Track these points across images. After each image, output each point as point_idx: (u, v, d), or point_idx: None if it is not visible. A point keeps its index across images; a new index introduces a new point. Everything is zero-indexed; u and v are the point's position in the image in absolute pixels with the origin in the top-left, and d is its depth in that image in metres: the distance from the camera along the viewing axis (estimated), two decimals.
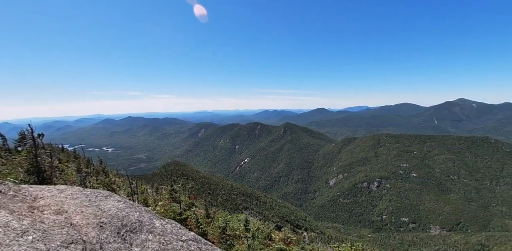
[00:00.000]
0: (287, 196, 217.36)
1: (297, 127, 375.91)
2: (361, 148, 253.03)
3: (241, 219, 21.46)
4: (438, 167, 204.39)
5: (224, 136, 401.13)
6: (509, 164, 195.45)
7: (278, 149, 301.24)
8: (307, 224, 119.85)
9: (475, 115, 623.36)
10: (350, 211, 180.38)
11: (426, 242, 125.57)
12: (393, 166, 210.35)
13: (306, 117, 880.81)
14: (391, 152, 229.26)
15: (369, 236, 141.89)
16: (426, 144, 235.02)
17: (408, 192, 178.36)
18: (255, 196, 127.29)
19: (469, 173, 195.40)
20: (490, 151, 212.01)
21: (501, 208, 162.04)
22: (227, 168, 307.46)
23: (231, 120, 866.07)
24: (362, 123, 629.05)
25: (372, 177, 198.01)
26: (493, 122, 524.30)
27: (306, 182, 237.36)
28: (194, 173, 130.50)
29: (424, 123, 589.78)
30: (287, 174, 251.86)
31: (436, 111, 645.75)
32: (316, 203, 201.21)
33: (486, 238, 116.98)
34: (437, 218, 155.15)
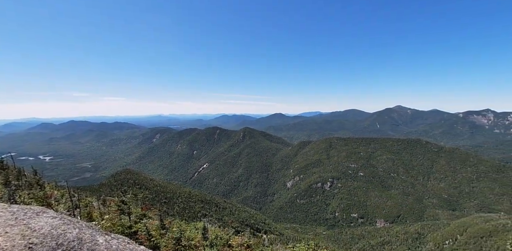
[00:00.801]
0: (247, 200, 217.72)
1: (256, 132, 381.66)
2: (315, 151, 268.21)
3: (199, 227, 20.85)
4: (381, 166, 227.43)
5: (181, 141, 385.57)
6: (437, 162, 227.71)
7: (238, 153, 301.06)
8: (267, 226, 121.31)
9: (409, 120, 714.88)
10: (306, 211, 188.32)
11: (373, 235, 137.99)
12: (343, 166, 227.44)
13: (264, 122, 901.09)
14: (341, 154, 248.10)
15: (324, 233, 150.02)
16: (371, 146, 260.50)
17: (357, 190, 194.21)
18: (214, 202, 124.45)
19: (406, 171, 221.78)
20: (422, 151, 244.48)
21: (432, 200, 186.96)
22: (184, 175, 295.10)
23: (189, 124, 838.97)
24: (316, 127, 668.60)
25: (325, 178, 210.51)
26: (424, 126, 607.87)
27: (265, 185, 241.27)
28: (148, 182, 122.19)
29: (368, 127, 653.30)
30: (247, 178, 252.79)
31: (378, 116, 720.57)
32: (275, 205, 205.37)
33: (421, 227, 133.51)
34: (381, 212, 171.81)
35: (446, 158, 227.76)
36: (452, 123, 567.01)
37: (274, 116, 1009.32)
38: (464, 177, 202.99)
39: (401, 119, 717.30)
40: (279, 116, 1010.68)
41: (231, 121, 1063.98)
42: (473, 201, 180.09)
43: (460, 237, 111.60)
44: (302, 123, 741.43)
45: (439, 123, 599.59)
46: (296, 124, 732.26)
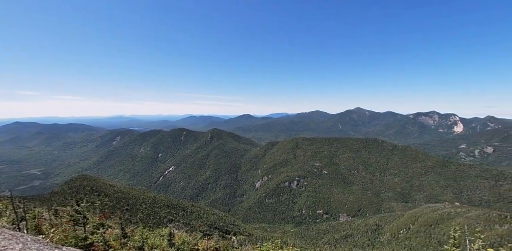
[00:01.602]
0: (215, 203, 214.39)
1: (224, 133, 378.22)
2: (282, 151, 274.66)
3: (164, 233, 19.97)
4: (343, 164, 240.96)
5: (145, 143, 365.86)
6: (391, 159, 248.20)
7: (205, 155, 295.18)
8: (236, 228, 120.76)
9: (367, 121, 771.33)
10: (274, 210, 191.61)
11: (337, 229, 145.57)
12: (309, 165, 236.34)
13: (233, 123, 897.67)
14: (307, 153, 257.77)
15: (291, 231, 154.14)
16: (333, 145, 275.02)
17: (321, 187, 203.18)
18: (181, 206, 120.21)
19: (365, 168, 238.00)
20: (378, 149, 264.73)
21: (388, 194, 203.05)
22: (148, 179, 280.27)
23: (153, 125, 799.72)
24: (283, 128, 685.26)
25: (292, 177, 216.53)
26: (380, 127, 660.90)
27: (234, 187, 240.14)
28: (107, 188, 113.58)
29: (331, 127, 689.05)
30: (215, 180, 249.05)
31: (340, 117, 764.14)
32: (244, 206, 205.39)
33: (379, 219, 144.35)
34: (344, 207, 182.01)
35: (399, 155, 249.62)
36: (404, 124, 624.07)
37: (243, 117, 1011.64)
38: (414, 172, 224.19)
39: (360, 120, 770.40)
40: (247, 117, 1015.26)
41: (198, 122, 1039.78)
42: (423, 193, 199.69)
43: (413, 226, 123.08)
44: (270, 124, 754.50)
45: (393, 123, 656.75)
46: (264, 125, 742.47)
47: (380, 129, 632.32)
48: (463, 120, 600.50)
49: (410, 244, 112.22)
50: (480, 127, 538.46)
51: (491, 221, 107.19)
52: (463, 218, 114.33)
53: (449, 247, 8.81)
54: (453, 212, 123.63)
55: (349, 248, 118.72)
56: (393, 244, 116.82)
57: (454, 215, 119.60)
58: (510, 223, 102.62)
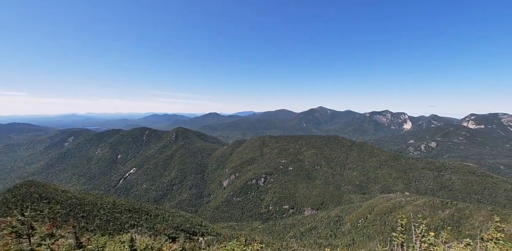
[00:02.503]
0: (181, 204, 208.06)
1: (190, 132, 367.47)
2: (249, 149, 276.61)
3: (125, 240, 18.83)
4: (307, 160, 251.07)
5: (102, 144, 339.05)
6: (350, 154, 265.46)
7: (170, 155, 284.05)
8: (203, 229, 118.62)
9: (329, 119, 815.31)
10: (242, 208, 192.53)
11: (302, 222, 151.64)
12: (275, 162, 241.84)
13: (199, 121, 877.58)
14: (273, 151, 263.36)
15: (259, 227, 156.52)
16: (298, 142, 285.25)
17: (287, 183, 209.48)
18: (144, 210, 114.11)
19: (327, 163, 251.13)
20: (339, 145, 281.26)
21: (348, 186, 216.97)
22: (107, 182, 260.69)
23: (112, 125, 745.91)
24: (250, 126, 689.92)
25: (259, 174, 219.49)
26: (340, 125, 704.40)
27: (201, 187, 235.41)
28: (59, 194, 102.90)
29: (296, 125, 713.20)
30: (181, 181, 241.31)
31: (304, 116, 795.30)
32: (211, 206, 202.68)
33: (340, 210, 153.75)
34: (308, 201, 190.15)
35: (357, 151, 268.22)
36: (361, 122, 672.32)
37: (209, 115, 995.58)
38: (370, 165, 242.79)
39: (322, 118, 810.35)
40: (214, 115, 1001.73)
41: (162, 121, 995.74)
42: (378, 185, 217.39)
43: (369, 216, 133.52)
44: (237, 122, 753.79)
45: (351, 121, 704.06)
46: (231, 123, 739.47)
47: (340, 127, 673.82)
48: (412, 118, 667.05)
49: (368, 232, 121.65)
50: (425, 124, 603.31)
51: (435, 207, 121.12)
52: (412, 206, 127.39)
53: (397, 233, 9.92)
54: (403, 201, 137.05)
55: (314, 240, 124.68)
56: (353, 233, 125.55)
57: (404, 204, 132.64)
58: (450, 208, 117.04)
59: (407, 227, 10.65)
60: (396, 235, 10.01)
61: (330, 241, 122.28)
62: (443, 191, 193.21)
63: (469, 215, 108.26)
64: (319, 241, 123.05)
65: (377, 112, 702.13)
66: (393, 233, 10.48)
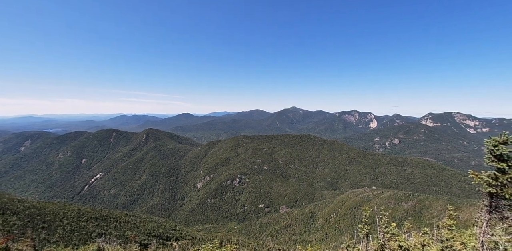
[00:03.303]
0: (154, 209, 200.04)
1: (161, 133, 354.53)
2: (224, 150, 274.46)
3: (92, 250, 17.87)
4: (281, 159, 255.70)
5: (64, 148, 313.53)
6: (322, 152, 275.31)
7: (140, 158, 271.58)
8: (178, 233, 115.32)
9: (301, 119, 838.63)
10: (218, 209, 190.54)
11: (277, 220, 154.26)
12: (250, 162, 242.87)
13: (171, 122, 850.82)
14: (248, 151, 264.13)
15: (235, 228, 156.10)
16: (272, 142, 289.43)
17: (262, 183, 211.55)
18: (113, 217, 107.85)
19: (300, 161, 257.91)
20: (311, 144, 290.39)
21: (320, 183, 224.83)
22: (70, 189, 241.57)
23: (75, 127, 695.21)
24: (224, 127, 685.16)
25: (234, 175, 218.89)
26: (312, 124, 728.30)
27: (174, 190, 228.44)
28: (14, 204, 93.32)
29: (270, 125, 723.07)
30: (152, 184, 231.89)
31: (278, 116, 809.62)
32: (185, 209, 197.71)
33: (313, 207, 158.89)
34: (283, 199, 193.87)
35: (328, 149, 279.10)
36: (331, 121, 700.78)
37: (182, 116, 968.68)
38: (340, 162, 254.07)
39: (295, 118, 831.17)
40: (187, 116, 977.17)
41: (131, 122, 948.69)
42: (348, 181, 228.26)
43: (340, 210, 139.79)
44: (211, 123, 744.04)
45: (322, 121, 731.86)
46: (205, 124, 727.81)
47: (312, 126, 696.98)
48: (377, 118, 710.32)
49: (339, 226, 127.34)
50: (389, 123, 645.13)
51: (399, 200, 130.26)
52: (378, 199, 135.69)
53: (362, 225, 10.83)
54: (371, 195, 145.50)
55: (289, 237, 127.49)
56: (326, 228, 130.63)
57: (372, 197, 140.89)
58: (412, 200, 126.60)
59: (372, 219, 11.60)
60: (361, 227, 10.93)
61: (305, 237, 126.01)
62: (406, 184, 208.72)
63: (428, 206, 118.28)
64: (294, 237, 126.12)
65: (346, 112, 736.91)
66: (359, 225, 11.38)
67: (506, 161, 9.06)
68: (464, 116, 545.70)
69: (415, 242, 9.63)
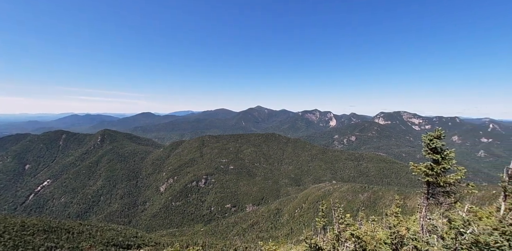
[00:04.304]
0: (112, 216, 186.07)
1: (119, 134, 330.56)
2: (188, 150, 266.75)
3: None
4: (247, 158, 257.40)
5: (3, 152, 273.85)
6: (286, 150, 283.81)
7: (95, 162, 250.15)
8: (140, 240, 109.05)
9: (267, 118, 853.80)
10: (182, 212, 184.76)
11: (244, 219, 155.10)
12: (216, 162, 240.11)
13: (130, 122, 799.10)
14: (213, 151, 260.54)
15: (202, 230, 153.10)
16: (238, 141, 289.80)
17: (229, 182, 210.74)
18: (64, 228, 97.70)
19: (266, 160, 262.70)
20: (276, 142, 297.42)
21: (285, 180, 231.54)
22: (12, 199, 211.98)
23: (16, 128, 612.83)
24: (188, 126, 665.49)
25: (199, 175, 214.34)
26: (277, 123, 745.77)
27: (135, 195, 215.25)
28: None
29: (236, 124, 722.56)
30: (110, 190, 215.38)
31: (243, 115, 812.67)
32: (147, 214, 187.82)
33: (279, 203, 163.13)
34: (250, 198, 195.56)
35: (292, 147, 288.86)
36: (294, 120, 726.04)
37: (142, 115, 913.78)
38: (303, 159, 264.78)
39: (260, 117, 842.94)
40: (147, 115, 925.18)
41: (83, 123, 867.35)
42: (310, 176, 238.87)
43: (304, 205, 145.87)
44: (174, 122, 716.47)
45: (286, 120, 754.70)
46: (167, 123, 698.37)
47: (276, 125, 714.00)
48: (336, 116, 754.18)
49: (303, 220, 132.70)
50: (347, 121, 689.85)
51: (356, 192, 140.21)
52: (338, 192, 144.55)
53: (319, 218, 11.64)
54: (331, 188, 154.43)
55: (256, 234, 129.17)
56: (291, 223, 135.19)
57: (332, 191, 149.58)
58: (368, 191, 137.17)
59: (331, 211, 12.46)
60: (318, 220, 11.73)
61: (271, 233, 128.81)
62: (362, 177, 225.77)
63: (381, 196, 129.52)
64: (261, 235, 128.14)
65: (308, 111, 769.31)
66: (316, 218, 12.18)
67: (439, 153, 10.41)
68: (410, 115, 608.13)
69: (365, 230, 10.62)
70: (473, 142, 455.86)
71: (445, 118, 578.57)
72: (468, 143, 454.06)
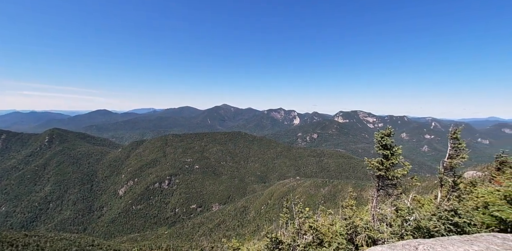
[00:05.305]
0: (64, 224, 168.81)
1: (70, 134, 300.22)
2: (150, 150, 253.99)
3: None
4: (213, 157, 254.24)
5: None
6: (252, 148, 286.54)
7: (42, 165, 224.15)
8: (97, 248, 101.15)
9: (233, 116, 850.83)
10: (144, 216, 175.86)
11: (211, 219, 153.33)
12: (180, 162, 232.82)
13: (83, 121, 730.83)
14: (177, 150, 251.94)
15: (166, 233, 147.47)
16: (204, 140, 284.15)
17: (194, 182, 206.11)
18: (6, 241, 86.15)
19: (232, 158, 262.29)
20: (242, 140, 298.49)
21: (251, 178, 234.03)
22: None
23: None
24: (150, 125, 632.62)
25: (162, 176, 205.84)
26: (243, 121, 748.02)
27: (90, 200, 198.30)
28: None
29: (201, 123, 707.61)
30: (60, 196, 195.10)
31: (209, 113, 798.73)
32: (105, 220, 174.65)
33: (245, 201, 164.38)
34: (216, 197, 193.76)
35: (257, 144, 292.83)
36: (260, 118, 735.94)
37: (97, 113, 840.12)
38: (269, 157, 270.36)
39: (226, 115, 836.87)
40: (104, 113, 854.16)
41: (27, 121, 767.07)
42: (275, 173, 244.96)
43: (270, 201, 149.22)
44: (134, 120, 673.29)
45: (252, 118, 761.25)
46: (126, 122, 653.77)
47: (242, 123, 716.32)
48: (300, 115, 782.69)
49: (269, 216, 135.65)
50: (309, 120, 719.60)
51: (318, 186, 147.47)
52: (302, 188, 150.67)
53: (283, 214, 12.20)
54: (295, 184, 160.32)
55: (223, 233, 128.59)
56: (257, 220, 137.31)
57: (296, 187, 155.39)
58: (328, 185, 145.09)
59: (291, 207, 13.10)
60: (282, 216, 12.27)
61: (238, 231, 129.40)
62: (323, 173, 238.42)
63: (341, 189, 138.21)
64: (227, 233, 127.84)
65: (273, 110, 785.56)
66: (280, 214, 12.73)
67: (389, 149, 11.57)
68: (366, 114, 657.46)
69: (321, 222, 11.44)
70: (418, 138, 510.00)
71: (395, 117, 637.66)
72: (414, 140, 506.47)
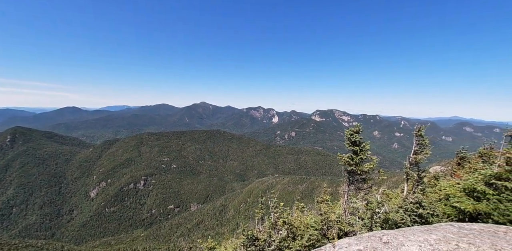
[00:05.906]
0: (29, 230, 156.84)
1: (36, 132, 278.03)
2: (124, 149, 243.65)
3: None
4: (191, 156, 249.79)
5: None
6: (231, 146, 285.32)
7: (3, 166, 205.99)
8: None
9: (211, 114, 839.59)
10: (119, 218, 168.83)
11: (189, 219, 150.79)
12: (156, 161, 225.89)
13: (50, 118, 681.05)
14: (153, 149, 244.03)
15: (142, 235, 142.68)
16: (181, 138, 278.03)
17: (171, 182, 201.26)
18: None
19: (211, 157, 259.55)
20: (221, 139, 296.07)
21: (230, 176, 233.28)
22: None
23: None
24: (124, 123, 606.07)
25: (137, 177, 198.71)
26: (222, 119, 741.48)
27: (58, 203, 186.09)
28: None
29: (178, 121, 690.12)
30: (25, 200, 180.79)
31: (187, 111, 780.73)
32: (75, 224, 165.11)
33: (225, 199, 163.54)
34: (194, 196, 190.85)
35: (237, 143, 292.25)
36: (239, 116, 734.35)
37: (65, 110, 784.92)
38: (248, 155, 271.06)
39: (205, 113, 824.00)
40: (73, 110, 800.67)
41: None
42: (254, 171, 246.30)
43: (249, 199, 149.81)
44: (106, 118, 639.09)
45: (231, 116, 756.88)
46: (98, 120, 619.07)
47: (221, 122, 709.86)
48: (278, 113, 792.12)
49: (249, 214, 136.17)
50: (287, 118, 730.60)
51: (296, 183, 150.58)
52: (280, 185, 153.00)
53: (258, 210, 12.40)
54: (274, 181, 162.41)
55: (202, 233, 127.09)
56: (237, 218, 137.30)
57: (275, 184, 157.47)
58: (306, 182, 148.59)
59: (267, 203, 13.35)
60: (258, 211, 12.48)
61: (217, 230, 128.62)
62: (301, 170, 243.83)
63: (318, 185, 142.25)
64: (206, 233, 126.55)
65: (253, 108, 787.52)
66: (255, 210, 12.93)
67: (358, 146, 12.13)
68: (341, 113, 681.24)
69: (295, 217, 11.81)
70: (389, 136, 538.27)
71: (368, 116, 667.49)
72: (385, 137, 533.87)
